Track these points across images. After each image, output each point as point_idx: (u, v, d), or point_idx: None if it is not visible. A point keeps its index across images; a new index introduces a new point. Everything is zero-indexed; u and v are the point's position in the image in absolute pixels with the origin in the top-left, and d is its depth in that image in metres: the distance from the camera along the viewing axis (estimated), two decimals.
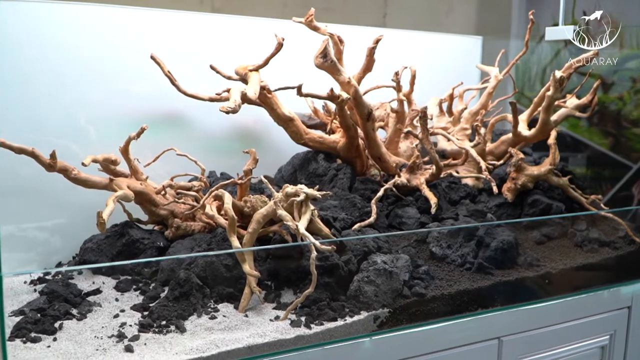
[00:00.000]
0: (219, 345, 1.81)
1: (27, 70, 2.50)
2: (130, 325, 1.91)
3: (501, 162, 2.80)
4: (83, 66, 2.60)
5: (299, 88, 2.17)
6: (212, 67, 2.46)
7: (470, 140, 2.96)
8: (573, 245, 2.65)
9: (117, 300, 2.11)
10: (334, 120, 2.71)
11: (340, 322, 1.97)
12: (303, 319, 1.96)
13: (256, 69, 2.36)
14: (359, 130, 2.64)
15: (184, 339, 1.83)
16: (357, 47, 2.69)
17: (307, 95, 2.27)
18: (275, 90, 2.28)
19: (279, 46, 2.31)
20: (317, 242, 1.88)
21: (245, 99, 2.12)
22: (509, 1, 4.21)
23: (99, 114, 2.65)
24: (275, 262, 2.18)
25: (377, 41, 2.60)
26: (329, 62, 2.39)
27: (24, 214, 2.51)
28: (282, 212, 1.96)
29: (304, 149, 2.81)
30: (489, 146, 2.96)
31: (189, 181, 2.52)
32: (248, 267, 1.94)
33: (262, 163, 2.92)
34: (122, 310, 2.03)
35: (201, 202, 2.14)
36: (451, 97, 3.11)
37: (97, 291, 2.17)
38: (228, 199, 2.01)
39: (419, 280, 2.19)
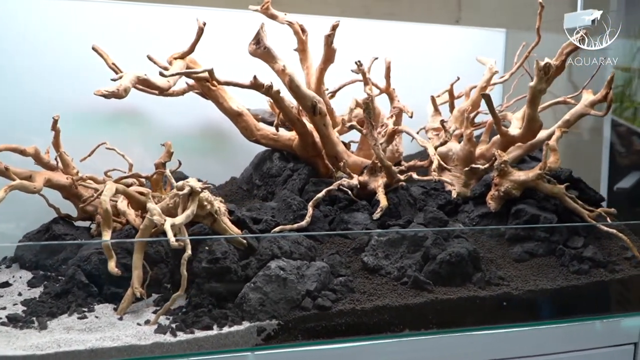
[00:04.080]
0: (60, 345, 1.66)
1: None
2: (0, 318, 1.82)
3: (486, 165, 2.42)
4: (49, 61, 2.60)
5: (211, 72, 1.99)
6: (149, 58, 2.34)
7: (473, 142, 2.60)
8: (559, 265, 2.21)
9: (20, 294, 2.04)
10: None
11: (213, 332, 1.75)
12: (174, 325, 1.76)
13: (181, 57, 2.22)
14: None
15: (35, 336, 1.71)
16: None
17: (225, 83, 2.08)
18: (172, 75, 2.11)
19: (200, 31, 2.16)
20: (172, 239, 1.68)
21: (151, 86, 1.98)
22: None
23: (65, 110, 2.61)
24: (175, 264, 2.00)
25: (334, 28, 2.37)
26: (262, 49, 2.21)
27: None
28: (150, 205, 1.79)
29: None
30: (481, 149, 2.59)
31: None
32: (112, 265, 1.78)
33: (233, 163, 2.80)
34: (15, 304, 1.95)
35: (95, 197, 2.02)
36: (451, 94, 2.77)
37: (6, 284, 2.11)
38: (107, 190, 1.87)
39: (330, 291, 1.91)
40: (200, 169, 2.69)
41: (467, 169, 2.47)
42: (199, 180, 1.91)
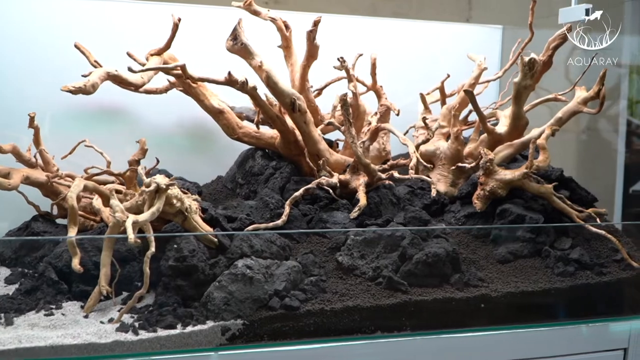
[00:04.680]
0: (22, 341, 1.66)
1: None
2: None
3: (473, 164, 2.35)
4: (38, 58, 2.60)
5: (183, 68, 1.96)
6: (128, 55, 2.33)
7: (461, 140, 2.54)
8: (544, 267, 2.14)
9: None
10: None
11: (176, 331, 1.72)
12: (137, 324, 1.74)
13: (157, 53, 2.20)
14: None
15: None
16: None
17: (200, 80, 2.05)
18: (142, 70, 2.08)
19: (175, 27, 2.14)
20: (131, 236, 1.65)
21: (124, 82, 1.97)
22: None
23: (57, 108, 2.63)
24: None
25: (315, 24, 2.33)
26: (239, 45, 2.18)
27: None
28: (113, 202, 1.77)
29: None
30: (469, 147, 2.52)
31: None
32: (76, 262, 1.77)
33: (221, 162, 2.77)
34: None
35: (65, 195, 2.01)
36: (442, 92, 2.71)
37: None
38: (75, 187, 1.85)
39: (300, 291, 1.87)
40: (188, 167, 2.69)
41: (453, 167, 2.41)
42: (168, 177, 1.89)
